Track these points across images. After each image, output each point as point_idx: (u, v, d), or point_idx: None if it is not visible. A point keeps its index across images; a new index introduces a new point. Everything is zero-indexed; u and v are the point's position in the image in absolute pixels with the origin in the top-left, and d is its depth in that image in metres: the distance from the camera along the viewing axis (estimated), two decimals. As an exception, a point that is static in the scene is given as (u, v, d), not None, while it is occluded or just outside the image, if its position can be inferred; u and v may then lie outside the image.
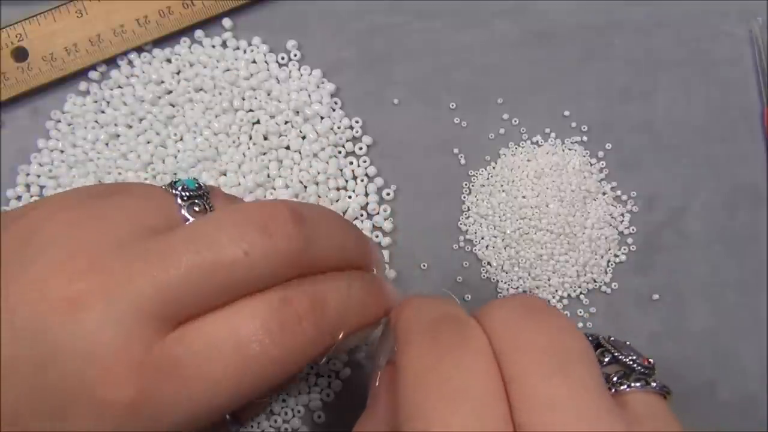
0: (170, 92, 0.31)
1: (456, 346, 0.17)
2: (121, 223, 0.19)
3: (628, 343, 0.20)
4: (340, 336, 0.20)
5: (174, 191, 0.20)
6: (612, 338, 0.20)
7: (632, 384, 0.18)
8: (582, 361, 0.17)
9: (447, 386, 0.16)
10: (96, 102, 0.32)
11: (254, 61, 0.32)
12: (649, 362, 0.19)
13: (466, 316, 0.19)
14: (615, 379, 0.18)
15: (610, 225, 0.32)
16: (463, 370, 0.17)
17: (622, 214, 0.32)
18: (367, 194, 0.31)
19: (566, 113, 0.33)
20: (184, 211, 0.20)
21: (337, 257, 0.21)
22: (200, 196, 0.21)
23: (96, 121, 0.31)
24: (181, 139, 0.31)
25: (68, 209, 0.19)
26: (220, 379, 0.17)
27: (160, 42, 0.32)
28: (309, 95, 0.32)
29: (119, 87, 0.32)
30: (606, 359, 0.19)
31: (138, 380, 0.17)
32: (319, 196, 0.31)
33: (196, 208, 0.20)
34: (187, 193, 0.20)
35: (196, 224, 0.19)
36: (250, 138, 0.31)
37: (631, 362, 0.19)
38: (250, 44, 0.32)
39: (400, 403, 0.17)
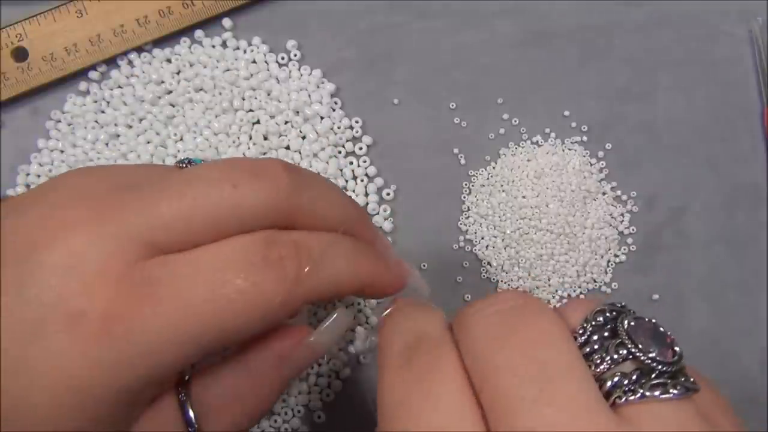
0: (170, 92, 0.31)
1: (426, 376, 0.16)
2: (122, 176, 0.20)
3: (653, 321, 0.17)
4: (329, 286, 0.20)
5: (180, 165, 0.21)
6: (634, 319, 0.17)
7: (646, 393, 0.15)
8: (567, 378, 0.15)
9: (416, 422, 0.16)
10: (96, 102, 0.32)
11: (254, 61, 0.32)
12: (675, 352, 0.16)
13: (442, 335, 0.18)
14: (626, 383, 0.15)
15: (610, 225, 0.32)
16: (433, 403, 0.16)
17: (622, 214, 0.32)
18: (367, 194, 0.31)
19: (566, 113, 0.33)
20: None
21: (331, 215, 0.21)
22: None
23: (96, 121, 0.31)
24: (181, 139, 0.31)
25: (73, 174, 0.20)
26: (196, 303, 0.17)
27: (160, 42, 0.32)
28: (309, 95, 0.32)
29: (119, 87, 0.32)
30: (621, 353, 0.16)
31: (113, 293, 0.17)
32: (319, 196, 0.31)
33: None
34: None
35: (188, 168, 0.20)
36: (250, 138, 0.31)
37: (649, 361, 0.16)
38: (250, 44, 0.32)
39: (378, 412, 0.17)
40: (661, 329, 0.17)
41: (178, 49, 0.32)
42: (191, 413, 0.20)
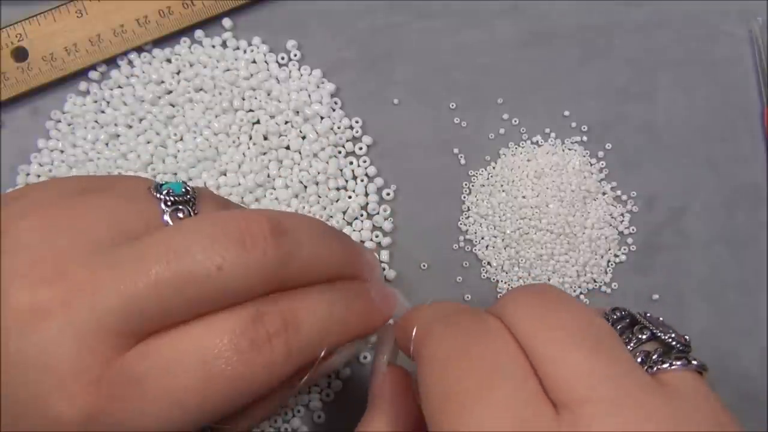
0: (170, 92, 0.31)
1: (479, 331, 0.17)
2: (96, 226, 0.18)
3: (661, 319, 0.19)
4: (319, 355, 0.19)
5: (159, 195, 0.20)
6: (648, 314, 0.19)
7: (674, 363, 0.17)
8: (612, 338, 0.16)
9: (479, 367, 0.16)
10: (96, 102, 0.32)
11: (254, 61, 0.32)
12: (686, 339, 0.18)
13: (473, 308, 0.19)
14: (655, 357, 0.17)
15: (610, 225, 0.32)
16: (492, 350, 0.16)
17: (622, 214, 0.32)
18: (367, 194, 0.31)
19: (566, 113, 0.33)
20: (166, 217, 0.19)
21: (321, 270, 0.20)
22: (186, 202, 0.20)
23: (96, 121, 0.31)
24: (181, 139, 0.31)
25: (44, 207, 0.18)
26: (182, 396, 0.17)
27: (160, 42, 0.32)
28: (309, 95, 0.32)
29: (119, 87, 0.32)
30: (644, 336, 0.18)
31: (93, 396, 0.16)
32: (319, 196, 0.31)
33: (180, 215, 0.19)
34: (172, 198, 0.19)
35: (170, 232, 0.18)
36: (250, 138, 0.31)
37: (670, 340, 0.17)
38: (250, 44, 0.32)
39: (428, 394, 0.16)
40: (668, 324, 0.18)
41: (178, 49, 0.32)
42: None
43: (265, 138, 0.31)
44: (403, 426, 0.20)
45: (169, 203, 0.19)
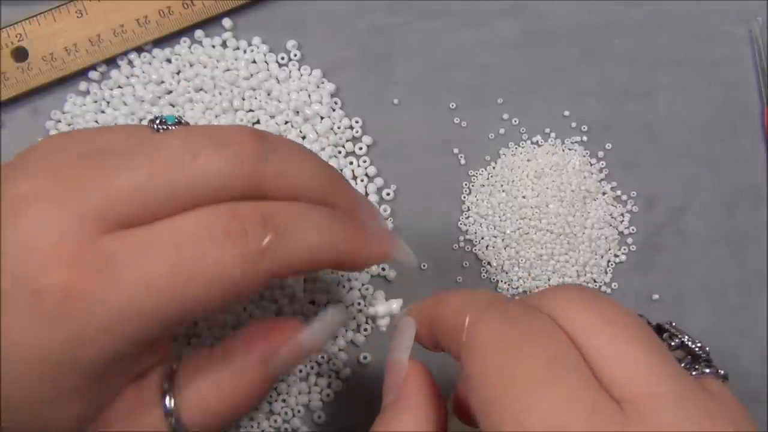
0: (170, 92, 0.31)
1: (535, 321, 0.17)
2: (88, 141, 0.19)
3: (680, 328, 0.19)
4: (300, 259, 0.19)
5: (152, 125, 0.20)
6: (673, 323, 0.19)
7: (704, 370, 0.17)
8: (657, 337, 0.17)
9: (543, 357, 0.15)
10: (96, 102, 0.32)
11: (254, 61, 0.32)
12: (707, 350, 0.18)
13: (523, 300, 0.18)
14: (683, 365, 0.18)
15: (610, 225, 0.32)
16: (553, 341, 0.16)
17: (622, 214, 0.32)
18: (367, 194, 0.31)
19: (566, 113, 0.33)
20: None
21: (301, 185, 0.20)
22: (176, 124, 0.20)
23: (96, 121, 0.31)
24: (181, 139, 0.31)
25: (53, 137, 0.21)
26: (154, 279, 0.17)
27: (160, 42, 0.32)
28: (309, 95, 0.32)
29: (119, 87, 0.32)
30: (673, 343, 0.18)
31: (70, 269, 0.17)
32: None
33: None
34: (165, 126, 0.20)
35: (155, 135, 0.19)
36: (250, 138, 0.31)
37: (698, 349, 0.18)
38: (250, 44, 0.32)
39: (485, 383, 0.16)
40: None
41: (178, 49, 0.32)
42: (168, 400, 0.19)
43: (265, 138, 0.31)
44: (433, 425, 0.19)
45: (161, 128, 0.20)
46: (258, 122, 0.31)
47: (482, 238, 0.32)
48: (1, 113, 0.31)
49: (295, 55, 0.32)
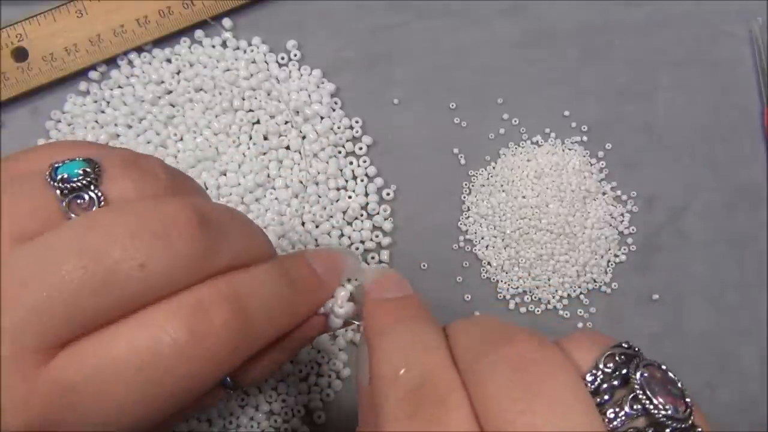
0: (170, 92, 0.31)
1: (436, 429, 0.15)
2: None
3: (663, 367, 0.16)
4: (268, 335, 0.18)
5: (53, 182, 0.17)
6: (645, 367, 0.16)
7: None
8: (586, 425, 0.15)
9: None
10: (96, 102, 0.32)
11: (254, 61, 0.32)
12: (687, 404, 0.16)
13: (449, 379, 0.16)
14: None
15: (610, 225, 0.32)
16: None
17: (622, 214, 0.32)
18: (367, 194, 0.31)
19: (566, 113, 0.33)
20: (64, 207, 0.17)
21: (251, 257, 0.18)
22: (85, 186, 0.17)
23: (96, 121, 0.31)
24: (181, 139, 0.31)
25: None
26: (124, 400, 0.15)
27: (160, 42, 0.32)
28: (309, 95, 0.32)
29: (119, 87, 0.32)
30: (636, 408, 0.15)
31: (26, 417, 0.15)
32: (319, 196, 0.31)
33: (80, 201, 0.17)
34: (68, 186, 0.17)
35: (79, 229, 0.16)
36: (250, 138, 0.31)
37: (663, 419, 0.15)
38: (250, 44, 0.32)
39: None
40: (671, 375, 0.16)
41: (178, 49, 0.32)
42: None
43: (265, 138, 0.31)
44: None
45: (65, 191, 0.17)
46: (258, 122, 0.31)
47: (482, 238, 0.32)
48: (1, 113, 0.31)
49: (295, 55, 0.32)
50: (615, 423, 0.15)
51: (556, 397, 0.15)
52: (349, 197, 0.31)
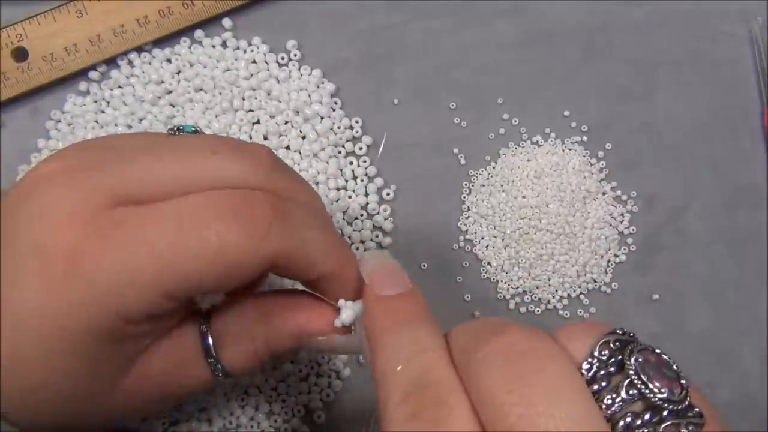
0: (170, 92, 0.31)
1: (438, 429, 0.15)
2: (114, 140, 0.21)
3: (658, 351, 0.16)
4: (293, 252, 0.19)
5: (172, 131, 0.22)
6: (640, 352, 0.16)
7: (657, 429, 0.15)
8: (582, 412, 0.15)
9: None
10: (96, 102, 0.32)
11: (254, 61, 0.32)
12: (683, 386, 0.16)
13: (450, 379, 0.16)
14: (638, 423, 0.15)
15: (610, 225, 0.32)
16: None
17: (622, 214, 0.32)
18: (367, 194, 0.31)
19: (566, 113, 0.33)
20: None
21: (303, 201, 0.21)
22: (194, 133, 0.22)
23: (96, 121, 0.31)
24: (181, 139, 0.31)
25: (87, 140, 0.22)
26: (158, 248, 0.17)
27: (160, 42, 0.32)
28: (309, 95, 0.32)
29: (119, 87, 0.32)
30: (632, 393, 0.15)
31: (78, 234, 0.17)
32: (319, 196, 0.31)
33: None
34: (182, 133, 0.22)
35: (172, 138, 0.21)
36: (250, 138, 0.31)
37: (660, 402, 0.15)
38: (250, 44, 0.32)
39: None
40: (666, 358, 0.16)
41: (178, 49, 0.32)
42: (210, 341, 0.21)
43: (265, 138, 0.31)
44: None
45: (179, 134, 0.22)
46: (258, 122, 0.31)
47: (482, 238, 0.32)
48: (1, 113, 0.31)
49: (295, 55, 0.32)
50: (612, 409, 0.15)
51: (549, 386, 0.15)
52: (349, 197, 0.31)
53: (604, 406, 0.15)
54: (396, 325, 0.18)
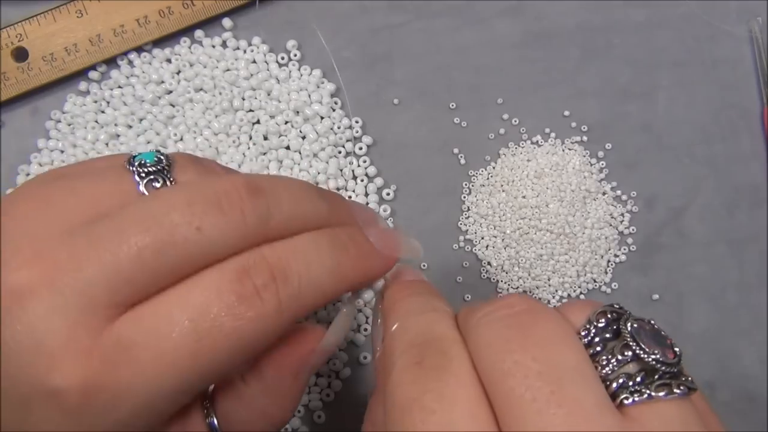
0: (170, 92, 0.31)
1: (439, 376, 0.16)
2: (70, 209, 0.18)
3: (652, 322, 0.17)
4: (318, 304, 0.19)
5: (131, 168, 0.19)
6: (635, 321, 0.17)
7: (652, 393, 0.16)
8: (576, 380, 0.15)
9: (431, 420, 0.16)
10: (96, 102, 0.32)
11: (254, 61, 0.32)
12: (676, 353, 0.17)
13: (453, 335, 0.18)
14: (631, 383, 0.16)
15: (610, 225, 0.32)
16: (447, 403, 0.16)
17: (622, 214, 0.32)
18: (367, 194, 0.31)
19: (566, 113, 0.33)
20: (142, 188, 0.19)
21: (304, 224, 0.20)
22: (160, 171, 0.19)
23: (96, 121, 0.31)
24: (181, 139, 0.31)
25: (24, 199, 0.19)
26: (174, 357, 0.17)
27: (160, 42, 0.32)
28: (309, 95, 0.32)
29: (119, 87, 0.32)
30: (627, 354, 0.16)
31: (85, 366, 0.16)
32: (319, 196, 0.31)
33: (156, 184, 0.19)
34: (145, 170, 0.19)
35: (146, 201, 0.18)
36: (250, 138, 0.31)
37: (654, 362, 0.16)
38: (250, 44, 0.32)
39: (389, 429, 0.17)
40: (661, 331, 0.17)
41: (178, 49, 0.32)
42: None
43: (265, 138, 0.31)
44: None
45: (142, 174, 0.19)
46: (258, 122, 0.31)
47: (482, 238, 0.32)
48: (1, 113, 0.31)
49: (295, 55, 0.32)
50: (606, 369, 0.16)
51: (544, 337, 0.16)
52: (349, 197, 0.31)
53: (599, 367, 0.16)
54: (408, 294, 0.20)
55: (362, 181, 0.31)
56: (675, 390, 0.16)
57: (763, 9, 0.34)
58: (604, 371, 0.16)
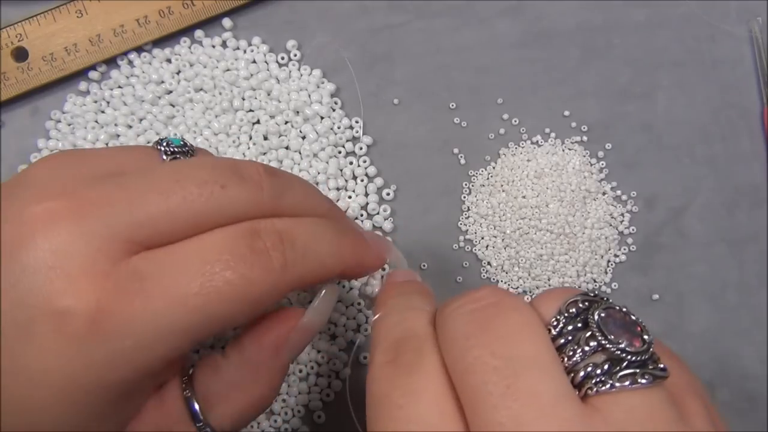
0: (170, 92, 0.31)
1: (410, 372, 0.17)
2: (102, 163, 0.20)
3: (624, 310, 0.17)
4: (315, 271, 0.20)
5: (159, 147, 0.21)
6: (605, 309, 0.17)
7: (616, 383, 0.16)
8: (533, 372, 0.15)
9: (398, 414, 0.16)
10: (96, 102, 0.32)
11: (254, 61, 0.32)
12: (644, 340, 0.16)
13: (426, 332, 0.18)
14: (598, 373, 0.16)
15: (610, 225, 0.32)
16: (414, 398, 0.16)
17: (622, 214, 0.32)
18: (367, 194, 0.31)
19: (566, 113, 0.33)
20: (166, 159, 0.21)
21: (310, 210, 0.21)
22: (184, 153, 0.21)
23: (96, 121, 0.31)
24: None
25: (54, 156, 0.20)
26: (183, 296, 0.17)
27: (160, 42, 0.32)
28: (309, 95, 0.32)
29: (119, 87, 0.32)
30: (592, 344, 0.16)
31: (99, 290, 0.17)
32: (319, 196, 0.31)
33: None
34: (171, 149, 0.21)
35: (174, 163, 0.20)
36: (250, 138, 0.31)
37: (619, 352, 0.16)
38: (250, 44, 0.32)
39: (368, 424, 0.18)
40: (632, 317, 0.17)
41: (178, 49, 0.32)
42: (196, 406, 0.20)
43: (265, 138, 0.31)
44: None
45: (168, 153, 0.21)
46: (258, 122, 0.31)
47: (482, 238, 0.32)
48: (1, 113, 0.31)
49: (295, 55, 0.32)
50: (574, 359, 0.16)
51: (506, 331, 0.16)
52: (349, 197, 0.31)
53: (566, 358, 0.16)
54: (393, 296, 0.21)
55: (362, 181, 0.31)
56: (640, 379, 0.16)
57: (763, 9, 0.34)
58: (570, 361, 0.16)
